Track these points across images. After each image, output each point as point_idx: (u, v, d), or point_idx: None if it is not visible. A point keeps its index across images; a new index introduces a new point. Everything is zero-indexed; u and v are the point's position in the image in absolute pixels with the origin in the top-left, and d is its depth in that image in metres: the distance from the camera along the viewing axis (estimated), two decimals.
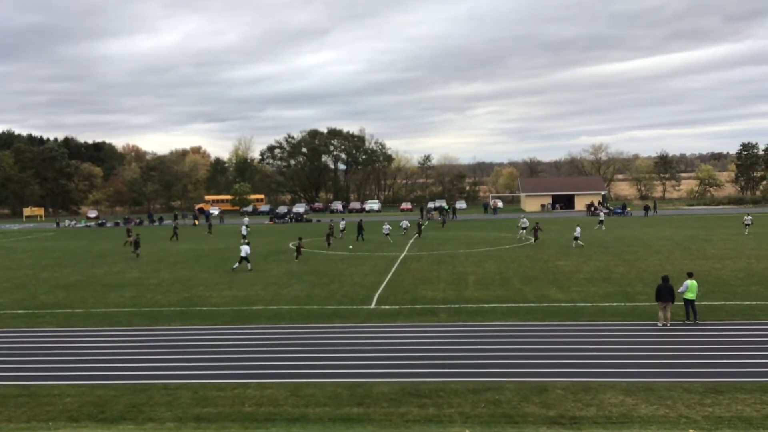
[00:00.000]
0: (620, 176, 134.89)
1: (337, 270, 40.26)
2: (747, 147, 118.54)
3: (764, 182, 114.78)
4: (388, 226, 58.75)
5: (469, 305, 28.75)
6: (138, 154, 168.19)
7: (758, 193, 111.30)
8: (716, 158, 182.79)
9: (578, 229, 50.84)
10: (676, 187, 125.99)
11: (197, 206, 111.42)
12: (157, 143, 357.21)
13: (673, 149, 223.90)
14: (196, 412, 16.61)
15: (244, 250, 41.51)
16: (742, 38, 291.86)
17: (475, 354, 21.06)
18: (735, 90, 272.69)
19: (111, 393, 18.18)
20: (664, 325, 23.97)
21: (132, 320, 27.67)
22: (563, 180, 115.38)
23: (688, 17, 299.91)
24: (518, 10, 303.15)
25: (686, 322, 24.35)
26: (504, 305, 28.56)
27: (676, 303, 24.70)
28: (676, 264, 38.51)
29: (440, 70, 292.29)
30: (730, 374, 18.36)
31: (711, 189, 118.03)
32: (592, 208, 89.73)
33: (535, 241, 52.57)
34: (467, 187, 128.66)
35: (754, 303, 27.61)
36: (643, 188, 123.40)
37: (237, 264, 41.74)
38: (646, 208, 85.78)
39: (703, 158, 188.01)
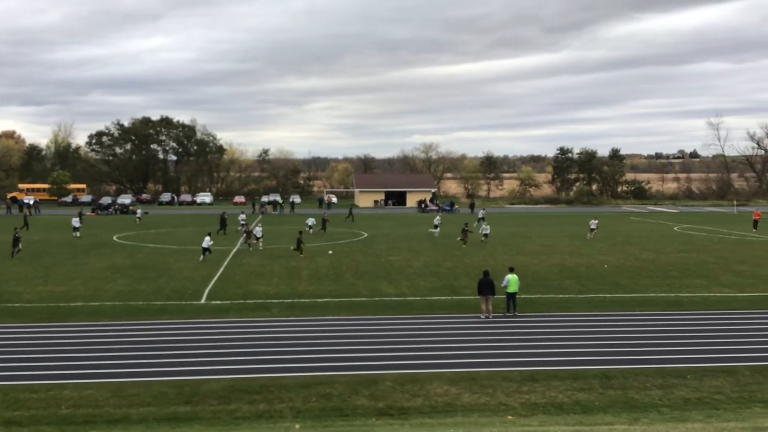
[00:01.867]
0: (449, 175, 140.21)
1: (164, 264, 38.81)
2: (563, 151, 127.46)
3: (577, 184, 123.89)
4: (243, 219, 56.64)
5: (303, 300, 28.74)
6: None
7: (572, 194, 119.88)
8: (535, 160, 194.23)
9: (488, 228, 51.51)
10: (499, 187, 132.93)
11: (9, 195, 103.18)
12: None
13: (498, 150, 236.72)
14: (7, 416, 15.38)
15: (206, 241, 40.63)
16: (559, 49, 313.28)
17: (308, 348, 21.08)
18: (553, 97, 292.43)
19: None
20: (486, 317, 25.20)
21: None
22: (396, 177, 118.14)
23: (512, 26, 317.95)
24: (355, 8, 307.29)
25: (507, 314, 25.73)
26: (337, 300, 28.82)
27: (499, 296, 26.04)
28: (499, 259, 40.62)
29: (276, 63, 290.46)
30: (545, 363, 19.62)
31: (530, 189, 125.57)
32: (423, 205, 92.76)
33: (463, 241, 48.53)
34: (302, 182, 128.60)
35: (567, 296, 29.74)
36: (469, 187, 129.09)
37: (203, 256, 40.28)
38: (472, 206, 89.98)
39: (524, 160, 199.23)
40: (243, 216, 59.32)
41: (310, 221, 57.60)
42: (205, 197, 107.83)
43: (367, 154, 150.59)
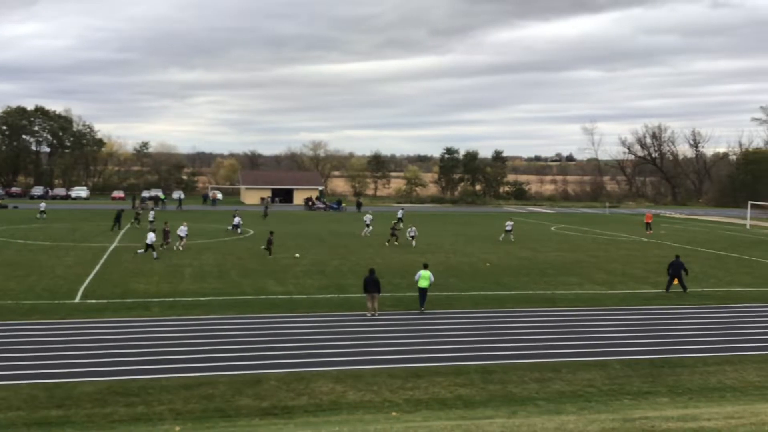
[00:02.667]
0: (337, 173, 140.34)
1: (36, 261, 36.79)
2: (449, 151, 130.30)
3: (462, 184, 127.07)
4: (153, 216, 53.65)
5: (185, 298, 27.99)
6: None
7: (456, 193, 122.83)
8: (422, 160, 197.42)
9: (413, 230, 50.14)
10: (386, 186, 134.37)
11: None
12: None
13: (385, 149, 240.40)
14: None
15: (150, 237, 39.06)
16: (444, 52, 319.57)
17: (189, 348, 20.54)
18: (439, 98, 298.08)
19: None
20: (372, 315, 25.39)
21: None
22: (283, 174, 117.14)
23: (400, 28, 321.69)
24: (242, 2, 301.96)
25: (420, 309, 26.32)
26: (221, 298, 28.25)
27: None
28: (386, 257, 41.03)
29: (159, 54, 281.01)
30: (429, 360, 19.97)
31: (417, 188, 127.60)
32: (310, 203, 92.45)
33: (395, 238, 48.33)
34: (186, 177, 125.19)
35: (451, 294, 30.40)
36: (357, 185, 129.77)
37: (142, 250, 38.95)
38: (359, 204, 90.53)
39: (411, 159, 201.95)
40: (153, 213, 56.92)
41: (237, 220, 55.50)
42: (80, 191, 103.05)
43: (253, 151, 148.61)
